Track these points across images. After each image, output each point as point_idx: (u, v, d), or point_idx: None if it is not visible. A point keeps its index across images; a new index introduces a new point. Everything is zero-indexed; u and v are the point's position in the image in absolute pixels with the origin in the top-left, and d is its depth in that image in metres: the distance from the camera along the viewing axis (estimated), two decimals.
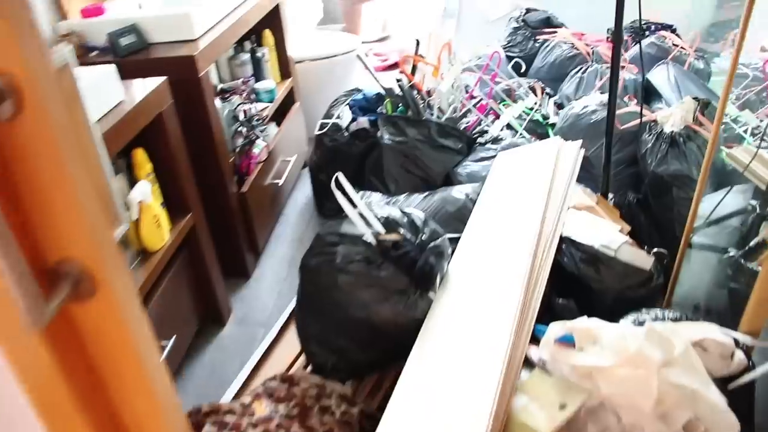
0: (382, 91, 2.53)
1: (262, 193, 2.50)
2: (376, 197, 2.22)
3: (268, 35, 2.77)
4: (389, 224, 1.62)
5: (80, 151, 0.60)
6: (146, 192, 1.75)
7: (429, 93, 2.52)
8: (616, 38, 1.70)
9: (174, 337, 1.87)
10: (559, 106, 2.76)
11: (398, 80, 2.40)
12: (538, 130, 2.61)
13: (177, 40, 2.08)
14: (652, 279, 1.68)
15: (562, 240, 1.74)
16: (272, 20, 2.77)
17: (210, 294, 2.17)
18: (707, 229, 2.00)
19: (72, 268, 0.63)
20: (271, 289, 2.40)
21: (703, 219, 1.98)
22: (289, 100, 2.95)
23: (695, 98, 2.22)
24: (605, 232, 1.73)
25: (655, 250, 1.82)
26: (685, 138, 2.11)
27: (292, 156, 2.78)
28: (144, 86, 1.78)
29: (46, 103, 0.55)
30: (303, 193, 2.98)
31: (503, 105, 2.63)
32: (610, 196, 2.10)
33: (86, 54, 2.09)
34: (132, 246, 1.78)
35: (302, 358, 1.78)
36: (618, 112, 2.31)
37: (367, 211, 1.60)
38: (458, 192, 2.08)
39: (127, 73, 1.89)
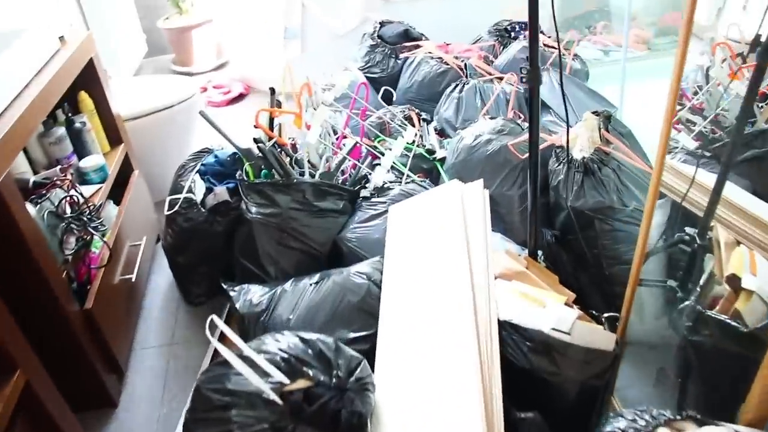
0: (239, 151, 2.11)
1: (112, 299, 2.01)
2: (256, 292, 1.81)
3: (84, 98, 2.25)
4: (292, 366, 1.23)
5: None
6: None
7: (294, 147, 2.12)
8: (532, 78, 1.38)
9: None
10: (441, 132, 2.45)
11: (256, 140, 1.98)
12: (424, 165, 2.28)
13: None
14: (618, 360, 1.39)
15: (501, 325, 1.42)
16: (87, 79, 2.26)
17: None
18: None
19: None
20: (146, 418, 1.93)
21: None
22: (125, 171, 2.45)
23: (595, 113, 1.97)
24: (551, 309, 1.42)
25: (606, 315, 1.54)
26: (598, 163, 1.85)
27: (141, 238, 2.30)
28: None
29: None
30: (163, 277, 2.50)
31: (379, 142, 2.29)
32: (540, 253, 1.81)
33: None
34: None
35: None
36: (513, 142, 2.03)
37: (259, 359, 1.20)
38: (357, 275, 1.71)
39: None
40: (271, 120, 2.10)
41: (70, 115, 2.19)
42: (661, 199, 1.83)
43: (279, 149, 2.06)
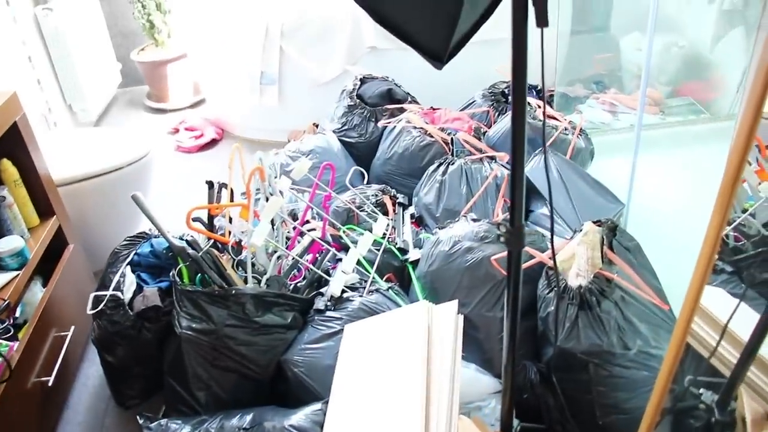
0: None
1: (21, 409, 1.70)
2: (175, 428, 1.49)
3: (7, 167, 1.94)
4: None
5: None
6: None
7: (240, 244, 1.81)
8: (513, 241, 1.05)
9: None
10: (418, 221, 2.13)
11: (189, 242, 1.68)
12: (395, 263, 1.97)
13: None
14: None
15: None
16: (10, 145, 1.96)
17: None
18: None
19: None
20: None
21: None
22: (58, 244, 2.14)
23: (597, 223, 1.65)
24: None
25: None
26: (597, 296, 1.53)
27: (71, 326, 2.00)
28: None
29: None
30: (95, 367, 2.18)
31: (343, 231, 1.98)
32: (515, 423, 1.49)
33: None
34: None
35: None
36: (497, 256, 1.72)
37: None
38: (298, 419, 1.40)
39: None
40: (211, 217, 1.79)
41: None
42: None
43: (220, 249, 1.75)
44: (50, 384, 1.83)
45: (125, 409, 2.01)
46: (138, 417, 1.59)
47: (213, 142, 3.40)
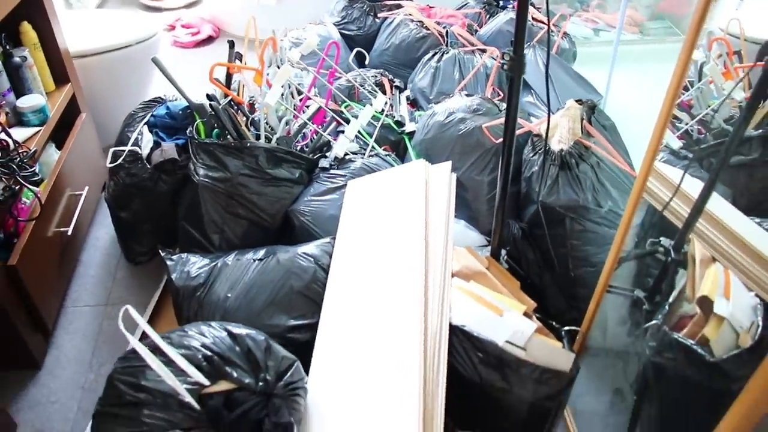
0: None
1: (43, 254, 1.85)
2: (195, 264, 1.66)
3: (27, 30, 2.05)
4: (214, 366, 1.10)
5: None
6: None
7: (253, 106, 1.96)
8: (514, 66, 1.23)
9: None
10: (413, 103, 2.29)
11: (209, 96, 1.82)
12: (392, 137, 2.14)
13: None
14: (572, 383, 1.28)
15: (453, 331, 1.30)
16: (31, 9, 2.06)
17: None
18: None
19: None
20: (70, 383, 1.79)
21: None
22: (71, 112, 2.26)
23: (579, 101, 1.83)
24: (507, 319, 1.31)
25: (566, 328, 1.44)
26: (576, 158, 1.72)
27: (83, 187, 2.13)
28: None
29: None
30: (106, 229, 2.33)
31: (345, 107, 2.13)
32: (503, 253, 1.69)
33: None
34: None
35: None
36: (488, 124, 1.89)
37: (177, 356, 1.07)
38: (304, 258, 1.58)
39: None
40: (229, 75, 1.93)
41: (8, 47, 1.99)
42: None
43: (235, 108, 1.90)
44: (68, 233, 1.98)
45: (134, 264, 2.17)
46: (160, 250, 1.75)
47: (209, 39, 3.49)
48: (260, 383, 1.11)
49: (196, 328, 1.18)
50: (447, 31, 2.49)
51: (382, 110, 2.13)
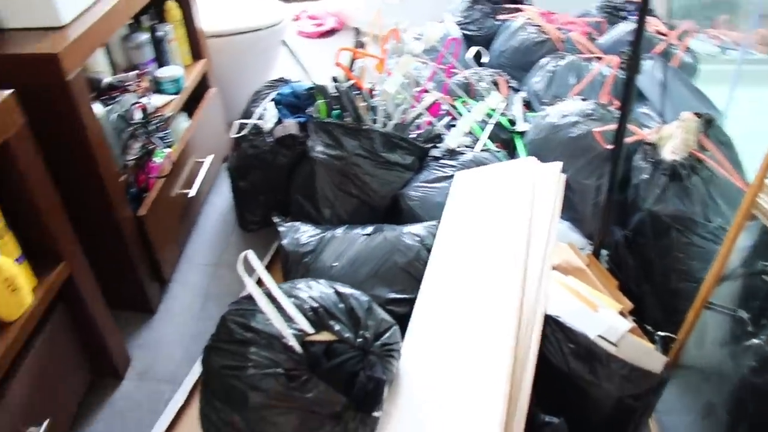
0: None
1: (168, 210, 2.01)
2: (305, 232, 1.77)
3: (172, 7, 2.22)
4: (319, 317, 1.18)
5: None
6: None
7: (372, 92, 2.05)
8: (631, 65, 1.26)
9: (47, 420, 1.43)
10: (527, 105, 2.33)
11: (334, 78, 1.92)
12: (503, 135, 2.18)
13: (37, 26, 1.55)
14: (663, 385, 1.30)
15: (546, 320, 1.34)
16: None
17: (100, 348, 1.71)
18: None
19: None
20: (179, 330, 1.94)
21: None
22: (202, 86, 2.43)
23: (697, 114, 1.82)
24: (602, 315, 1.33)
25: (661, 334, 1.45)
26: (688, 170, 1.71)
27: (208, 155, 2.29)
28: None
29: None
30: (223, 197, 2.49)
31: (461, 102, 2.20)
32: (604, 253, 1.70)
33: None
34: None
35: None
36: (600, 129, 1.91)
37: (287, 302, 1.16)
38: (409, 237, 1.65)
39: None
40: (353, 61, 2.03)
41: (155, 23, 2.17)
42: (751, 221, 1.69)
43: (356, 92, 1.99)
44: (190, 195, 2.13)
45: (247, 231, 2.31)
46: (273, 217, 1.87)
47: (332, 32, 3.63)
48: (359, 339, 1.18)
49: (305, 283, 1.27)
50: (566, 37, 2.52)
51: (496, 108, 2.18)
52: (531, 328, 1.29)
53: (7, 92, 1.32)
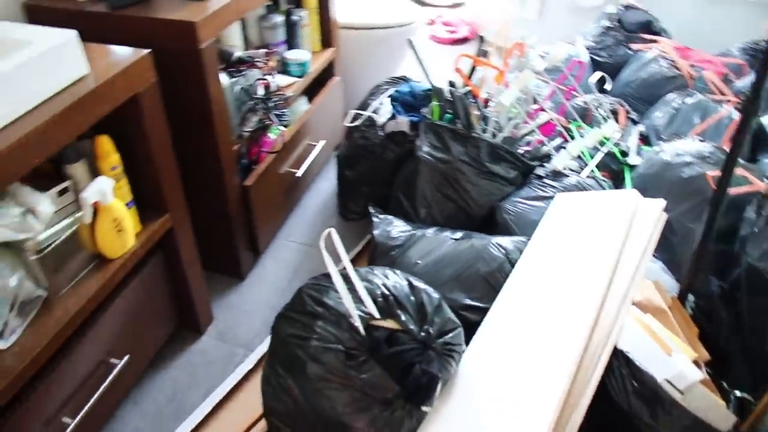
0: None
1: (273, 185, 2.10)
2: (397, 227, 1.81)
3: None
4: (388, 305, 1.22)
5: None
6: (105, 191, 1.39)
7: (487, 102, 2.07)
8: (747, 106, 1.22)
9: (127, 356, 1.55)
10: (644, 139, 2.27)
11: (451, 83, 1.95)
12: (612, 165, 2.14)
13: None
14: None
15: (615, 353, 1.32)
16: None
17: (187, 301, 1.82)
18: None
19: None
20: (263, 300, 2.03)
21: None
22: (327, 73, 2.52)
23: None
24: (674, 360, 1.29)
25: (738, 394, 1.38)
26: None
27: (321, 140, 2.37)
28: (119, 60, 1.39)
29: None
30: (328, 183, 2.57)
31: (576, 126, 2.17)
32: (690, 298, 1.64)
33: None
34: (85, 248, 1.43)
35: None
36: (714, 173, 1.84)
37: (360, 284, 1.20)
38: (496, 248, 1.65)
39: (113, 32, 1.60)
40: (474, 69, 2.05)
41: (292, 7, 2.27)
42: None
43: (471, 99, 2.01)
44: (297, 175, 2.22)
45: (345, 220, 2.38)
46: (370, 207, 1.92)
47: (464, 40, 3.66)
48: (422, 333, 1.21)
49: (382, 270, 1.31)
50: (699, 76, 2.43)
51: (611, 137, 2.14)
52: (597, 357, 1.27)
53: (145, 51, 1.44)
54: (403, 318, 1.20)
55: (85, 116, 1.29)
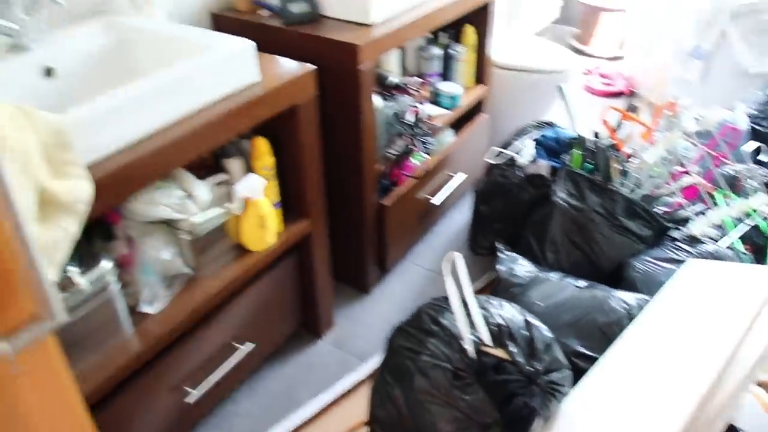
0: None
1: (409, 208, 2.19)
2: (522, 266, 1.84)
3: (469, 32, 2.40)
4: (501, 334, 1.25)
5: None
6: (255, 188, 1.52)
7: (630, 157, 2.05)
8: None
9: (251, 344, 1.69)
10: None
11: (596, 133, 1.96)
12: (756, 240, 2.06)
13: (351, 20, 1.80)
14: None
15: (729, 429, 1.28)
16: (478, 18, 2.40)
17: (313, 305, 1.93)
18: None
19: None
20: (384, 316, 2.11)
21: None
22: (476, 109, 2.58)
23: None
24: None
25: None
26: None
27: (460, 172, 2.44)
28: (286, 72, 1.52)
29: None
30: (462, 216, 2.62)
31: (722, 194, 2.11)
32: None
33: (258, 10, 1.89)
34: (229, 238, 1.57)
35: None
36: None
37: (476, 310, 1.24)
38: (618, 301, 1.64)
39: (284, 45, 1.75)
40: (621, 122, 2.05)
41: (450, 41, 2.36)
42: None
43: (614, 152, 2.01)
44: (433, 203, 2.29)
45: (474, 254, 2.41)
46: (496, 243, 1.96)
47: (619, 94, 3.62)
48: (529, 367, 1.23)
49: (500, 301, 1.35)
50: None
51: (758, 210, 2.06)
52: (707, 430, 1.24)
53: (311, 67, 1.57)
54: (512, 349, 1.23)
55: (250, 118, 1.42)
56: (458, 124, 2.48)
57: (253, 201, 1.52)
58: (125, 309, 1.34)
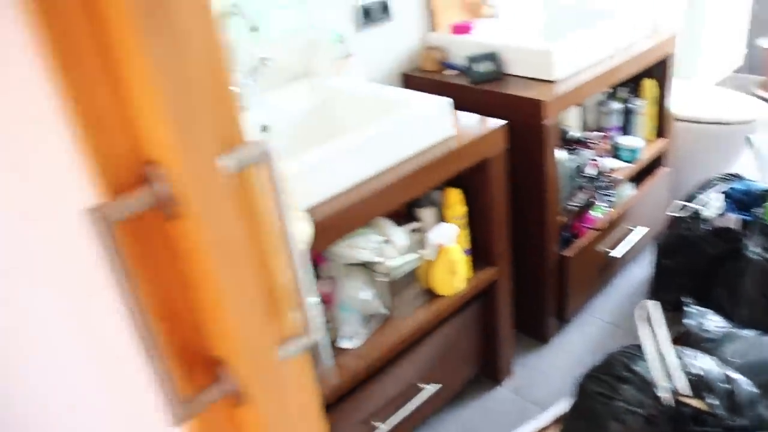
0: None
1: (590, 260, 2.19)
2: (713, 321, 1.79)
3: (649, 86, 2.38)
4: (699, 384, 1.24)
5: (244, 254, 0.59)
6: (448, 235, 1.62)
7: None
8: None
9: (439, 386, 1.77)
10: None
11: None
12: None
13: (534, 77, 1.88)
14: None
15: None
16: (657, 72, 2.38)
17: (494, 351, 1.98)
18: None
19: (223, 373, 0.63)
20: (562, 366, 2.11)
21: None
22: (656, 162, 2.55)
23: None
24: None
25: None
26: None
27: (640, 226, 2.41)
28: (480, 127, 1.63)
29: (200, 214, 0.55)
30: (642, 269, 2.57)
31: None
32: None
33: (444, 70, 2.02)
34: (420, 283, 1.67)
35: None
36: None
37: (673, 358, 1.24)
38: None
39: (473, 101, 1.85)
40: None
41: (630, 96, 2.37)
42: None
43: None
44: (612, 255, 2.28)
45: None
46: (682, 297, 1.92)
47: None
48: (732, 421, 1.21)
49: (694, 352, 1.33)
50: None
51: None
52: None
53: (503, 122, 1.66)
54: (711, 401, 1.21)
55: (445, 171, 1.53)
56: (639, 178, 2.46)
57: (445, 248, 1.61)
58: (328, 343, 1.46)
